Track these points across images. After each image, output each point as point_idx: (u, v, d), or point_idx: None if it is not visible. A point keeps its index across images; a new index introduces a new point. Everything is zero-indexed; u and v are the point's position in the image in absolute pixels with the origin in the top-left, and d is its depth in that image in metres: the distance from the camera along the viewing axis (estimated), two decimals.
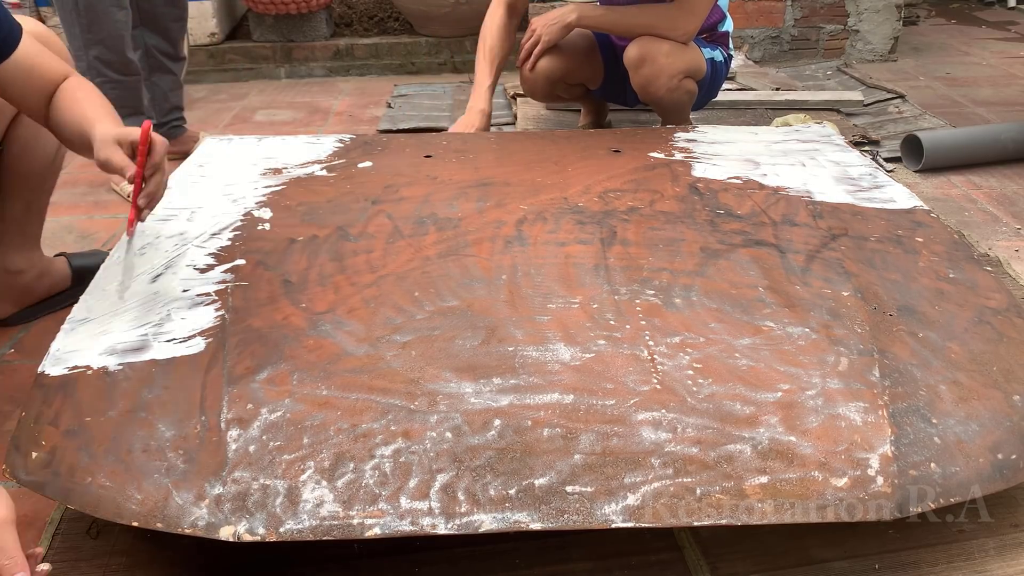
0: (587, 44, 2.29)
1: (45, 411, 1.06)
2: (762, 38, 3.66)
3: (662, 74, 2.06)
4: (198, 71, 3.58)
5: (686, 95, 2.16)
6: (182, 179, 1.72)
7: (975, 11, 4.60)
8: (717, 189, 1.61)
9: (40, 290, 1.70)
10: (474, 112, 2.15)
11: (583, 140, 1.94)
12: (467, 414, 1.02)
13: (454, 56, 3.69)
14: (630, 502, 0.95)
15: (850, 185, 1.65)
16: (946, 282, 1.31)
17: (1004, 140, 2.40)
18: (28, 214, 1.65)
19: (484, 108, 2.15)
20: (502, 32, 2.21)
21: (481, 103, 2.16)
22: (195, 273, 1.33)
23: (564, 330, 1.16)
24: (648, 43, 2.05)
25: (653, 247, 1.38)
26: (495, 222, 1.47)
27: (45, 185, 1.65)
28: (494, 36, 2.20)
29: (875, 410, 1.03)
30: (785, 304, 1.22)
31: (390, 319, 1.19)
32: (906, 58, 3.70)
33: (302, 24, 3.67)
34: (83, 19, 2.16)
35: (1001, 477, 1.00)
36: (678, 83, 2.10)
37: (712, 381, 1.07)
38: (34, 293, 1.69)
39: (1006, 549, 1.08)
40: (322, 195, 1.61)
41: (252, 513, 0.93)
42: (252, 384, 1.07)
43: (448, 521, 0.93)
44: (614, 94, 2.41)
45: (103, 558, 1.08)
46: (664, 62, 2.05)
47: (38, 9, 3.60)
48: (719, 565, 1.07)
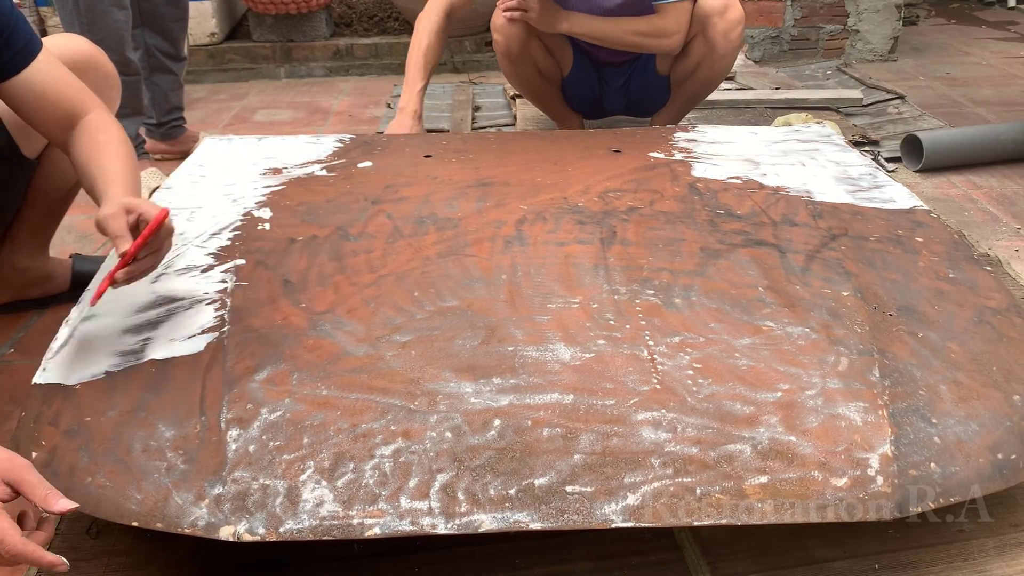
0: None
1: (45, 411, 1.06)
2: (762, 38, 3.66)
3: (741, 22, 2.15)
4: (198, 71, 3.58)
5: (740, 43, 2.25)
6: (182, 179, 1.72)
7: (975, 11, 4.61)
8: (717, 189, 1.61)
9: (37, 289, 1.74)
10: (406, 113, 2.13)
11: (583, 140, 1.94)
12: (467, 414, 1.02)
13: (454, 56, 3.69)
14: (630, 502, 0.95)
15: (850, 185, 1.65)
16: (946, 282, 1.31)
17: (1004, 140, 2.40)
18: (45, 223, 1.71)
19: (416, 109, 2.13)
20: (439, 35, 2.18)
21: (413, 104, 2.13)
22: (195, 273, 1.33)
23: (564, 330, 1.16)
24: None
25: (653, 247, 1.38)
26: (495, 222, 1.47)
27: (66, 201, 1.71)
28: (431, 36, 2.17)
29: (875, 410, 1.03)
30: (785, 304, 1.22)
31: (390, 319, 1.19)
32: (906, 58, 3.70)
33: (302, 24, 3.67)
34: (83, 19, 2.16)
35: (1001, 477, 1.00)
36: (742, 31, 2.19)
37: (712, 381, 1.07)
38: (31, 290, 1.74)
39: (1006, 549, 1.08)
40: (322, 195, 1.61)
41: (252, 513, 0.93)
42: (252, 384, 1.07)
43: (448, 521, 0.93)
44: (583, 91, 2.40)
45: (103, 558, 1.08)
46: (741, 10, 2.15)
47: (38, 9, 3.59)
48: (719, 565, 1.07)
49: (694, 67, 2.22)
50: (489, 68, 3.63)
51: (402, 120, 2.12)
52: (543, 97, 2.42)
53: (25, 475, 0.88)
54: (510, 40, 2.21)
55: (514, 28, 2.18)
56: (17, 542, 0.84)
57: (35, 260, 1.71)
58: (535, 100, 2.47)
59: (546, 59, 2.29)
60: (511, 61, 2.26)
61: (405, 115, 2.12)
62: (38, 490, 0.88)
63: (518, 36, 2.20)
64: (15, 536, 0.84)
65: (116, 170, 1.23)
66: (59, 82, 1.30)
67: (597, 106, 2.46)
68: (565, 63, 2.33)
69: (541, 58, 2.28)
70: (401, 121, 2.12)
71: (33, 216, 1.67)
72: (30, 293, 1.73)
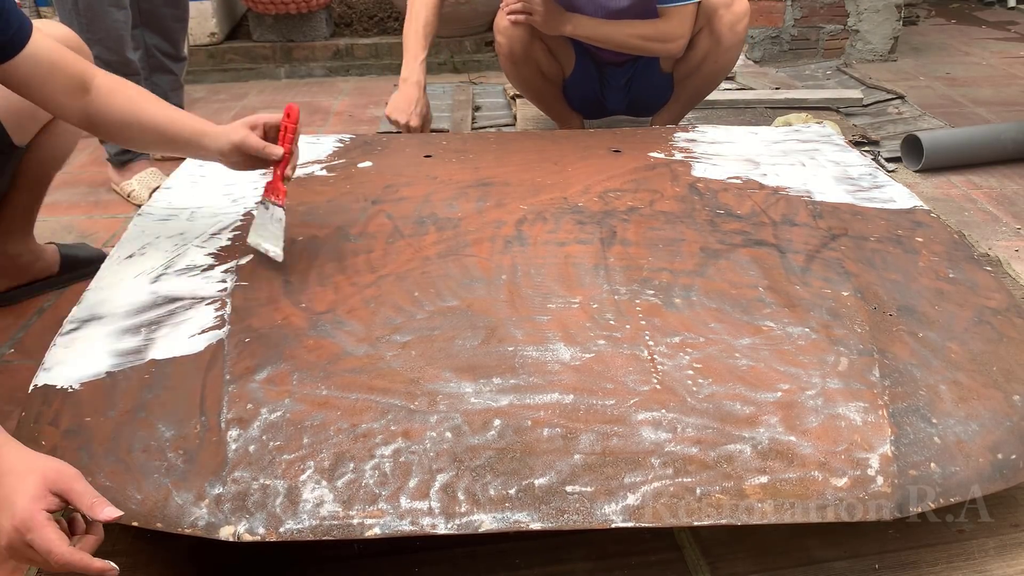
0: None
1: (45, 411, 1.06)
2: (762, 38, 3.66)
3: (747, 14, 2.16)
4: (198, 71, 3.58)
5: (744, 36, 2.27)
6: (182, 179, 1.72)
7: (975, 11, 4.60)
8: (717, 189, 1.61)
9: (33, 272, 1.80)
10: (409, 84, 2.09)
11: (583, 140, 1.94)
12: (467, 414, 1.02)
13: (454, 56, 3.69)
14: (630, 502, 0.95)
15: (850, 185, 1.65)
16: (946, 282, 1.31)
17: (1004, 140, 2.40)
18: (31, 206, 1.77)
19: (419, 80, 2.10)
20: (435, 9, 2.14)
21: (416, 75, 2.09)
22: (195, 273, 1.33)
23: (564, 330, 1.16)
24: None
25: (653, 247, 1.38)
26: (495, 222, 1.47)
27: (49, 181, 1.77)
28: (428, 10, 2.13)
29: (875, 410, 1.03)
30: (785, 304, 1.22)
31: (390, 319, 1.19)
32: (906, 58, 3.70)
33: (302, 24, 3.67)
34: (82, 19, 2.16)
35: (1001, 477, 1.00)
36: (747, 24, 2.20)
37: (712, 381, 1.07)
38: (27, 273, 1.80)
39: (1006, 549, 1.08)
40: (322, 195, 1.61)
41: (252, 513, 0.93)
42: (252, 384, 1.07)
43: (448, 521, 0.93)
44: (585, 91, 2.40)
45: (103, 558, 1.07)
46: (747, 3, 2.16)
47: (38, 8, 3.59)
48: (719, 565, 1.07)
49: (700, 61, 2.21)
50: (489, 68, 3.63)
51: (406, 91, 2.09)
52: (544, 98, 2.42)
53: (74, 484, 0.90)
54: (513, 42, 2.21)
55: (517, 31, 2.18)
56: (65, 552, 0.86)
57: (24, 244, 1.77)
58: (536, 101, 2.47)
59: (548, 60, 2.29)
60: (514, 63, 2.26)
61: (408, 86, 2.09)
62: (85, 499, 0.90)
63: (521, 38, 2.20)
64: (62, 547, 0.86)
65: (181, 114, 1.38)
66: (62, 52, 1.34)
67: (598, 106, 2.46)
68: (567, 64, 2.33)
69: (543, 60, 2.28)
70: (405, 92, 2.09)
71: (20, 200, 1.72)
72: (26, 276, 1.79)
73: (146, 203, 1.66)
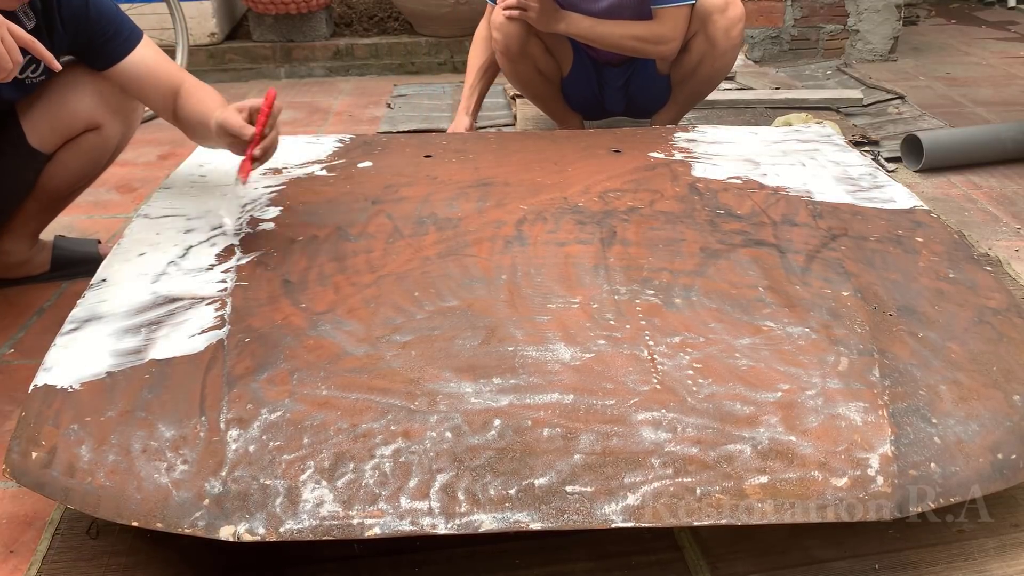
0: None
1: (45, 411, 1.06)
2: (762, 38, 3.66)
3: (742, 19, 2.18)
4: (198, 71, 3.57)
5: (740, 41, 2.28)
6: (182, 179, 1.72)
7: (975, 11, 4.61)
8: (717, 189, 1.61)
9: (15, 272, 1.83)
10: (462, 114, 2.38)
11: (583, 140, 1.94)
12: (467, 414, 1.02)
13: (454, 56, 3.69)
14: (630, 502, 0.95)
15: (850, 185, 1.65)
16: (946, 282, 1.31)
17: (1004, 140, 2.40)
18: (39, 215, 1.78)
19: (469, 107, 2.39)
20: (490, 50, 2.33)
21: (470, 106, 2.38)
22: (195, 273, 1.33)
23: (564, 330, 1.16)
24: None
25: (653, 247, 1.38)
26: (495, 222, 1.47)
27: (66, 201, 1.81)
28: (487, 52, 2.34)
29: (875, 410, 1.03)
30: (785, 304, 1.22)
31: (390, 319, 1.19)
32: (906, 58, 3.70)
33: (302, 24, 3.67)
34: None
35: (1001, 477, 1.00)
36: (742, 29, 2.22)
37: (712, 381, 1.07)
38: (11, 272, 1.82)
39: (1006, 549, 1.08)
40: (322, 195, 1.61)
41: (252, 513, 0.93)
42: (252, 384, 1.07)
43: (448, 521, 0.93)
44: (583, 91, 2.40)
45: (103, 558, 1.08)
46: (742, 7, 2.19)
47: None
48: (719, 565, 1.07)
49: (695, 65, 2.21)
50: None
51: (459, 120, 2.38)
52: (543, 97, 2.42)
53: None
54: (509, 38, 2.22)
55: (513, 26, 2.19)
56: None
57: (20, 245, 1.79)
58: (535, 100, 2.47)
59: (545, 58, 2.29)
60: (510, 59, 2.27)
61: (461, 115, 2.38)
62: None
63: (517, 35, 2.20)
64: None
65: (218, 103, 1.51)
66: (162, 60, 1.59)
67: (597, 106, 2.46)
68: (565, 62, 2.33)
69: (540, 57, 2.28)
70: (459, 120, 2.38)
71: (30, 207, 1.74)
72: (9, 274, 1.81)
73: (145, 203, 1.66)
